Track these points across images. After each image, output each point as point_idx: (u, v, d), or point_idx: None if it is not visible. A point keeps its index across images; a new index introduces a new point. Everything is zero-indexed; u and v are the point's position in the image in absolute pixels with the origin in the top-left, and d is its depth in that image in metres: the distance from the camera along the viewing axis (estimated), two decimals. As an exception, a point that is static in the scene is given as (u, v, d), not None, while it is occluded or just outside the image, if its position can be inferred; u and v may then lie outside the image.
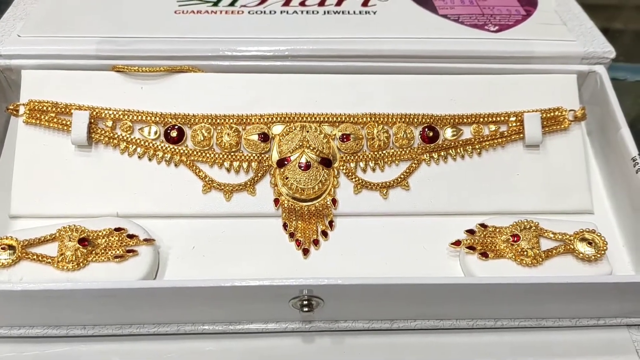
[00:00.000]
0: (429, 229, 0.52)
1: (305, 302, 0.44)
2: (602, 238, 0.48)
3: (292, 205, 0.52)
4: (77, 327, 0.47)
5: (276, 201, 0.52)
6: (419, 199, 0.53)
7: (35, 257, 0.46)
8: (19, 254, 0.46)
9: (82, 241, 0.46)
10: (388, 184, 0.53)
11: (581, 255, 0.47)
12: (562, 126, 0.54)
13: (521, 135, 0.54)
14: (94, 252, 0.47)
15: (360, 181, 0.52)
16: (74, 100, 0.52)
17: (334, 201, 0.52)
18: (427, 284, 0.43)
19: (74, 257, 0.46)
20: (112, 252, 0.47)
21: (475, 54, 0.56)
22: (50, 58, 0.54)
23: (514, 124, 0.54)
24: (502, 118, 0.54)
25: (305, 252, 0.50)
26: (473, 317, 0.48)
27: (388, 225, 0.52)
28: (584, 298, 0.47)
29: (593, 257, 0.47)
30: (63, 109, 0.52)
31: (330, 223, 0.52)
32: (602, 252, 0.47)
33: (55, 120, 0.52)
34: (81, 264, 0.46)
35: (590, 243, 0.48)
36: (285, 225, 0.51)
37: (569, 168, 0.54)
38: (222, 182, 0.52)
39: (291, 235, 0.51)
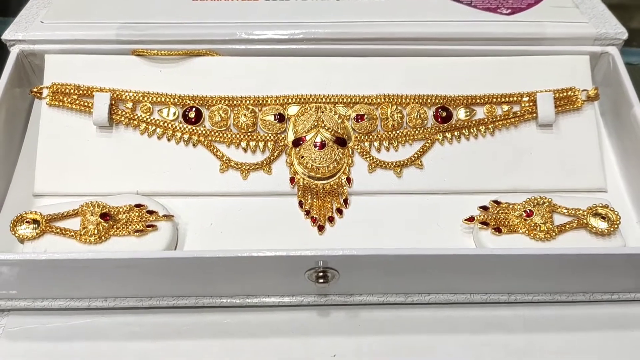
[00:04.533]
0: (443, 207, 0.53)
1: (320, 274, 0.45)
2: (616, 212, 0.48)
3: (307, 183, 0.52)
4: (99, 299, 0.48)
5: (292, 179, 0.53)
6: (433, 178, 0.53)
7: (58, 230, 0.47)
8: (43, 227, 0.47)
9: (104, 216, 0.48)
10: (402, 162, 0.53)
11: (594, 229, 0.48)
12: (575, 106, 0.55)
13: (534, 115, 0.54)
14: (115, 226, 0.48)
15: (375, 160, 0.53)
16: (95, 83, 0.54)
17: (349, 180, 0.53)
18: (440, 254, 0.44)
19: (96, 230, 0.47)
20: (132, 227, 0.48)
21: (488, 36, 0.57)
22: (72, 43, 0.56)
23: (527, 104, 0.54)
24: (515, 98, 0.55)
25: (321, 228, 0.51)
26: (487, 292, 0.49)
27: (402, 204, 0.53)
28: (597, 272, 0.47)
29: (606, 231, 0.48)
30: (85, 91, 0.53)
31: (345, 201, 0.52)
32: (616, 226, 0.48)
33: (77, 102, 0.53)
34: (103, 238, 0.47)
35: (603, 218, 0.48)
36: (300, 203, 0.52)
37: (582, 147, 0.54)
38: (239, 162, 0.53)
39: (307, 212, 0.52)
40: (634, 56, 0.68)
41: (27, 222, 0.47)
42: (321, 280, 0.45)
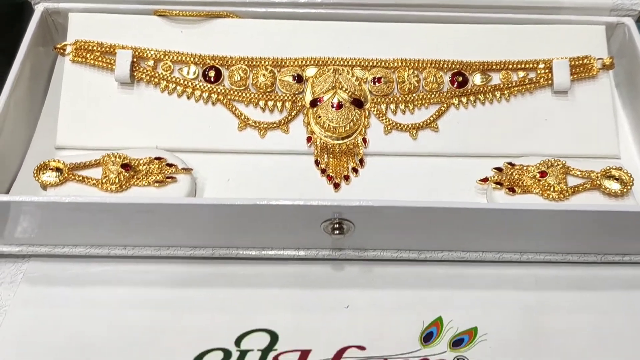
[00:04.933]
0: (457, 170, 0.53)
1: (336, 225, 0.46)
2: (629, 174, 0.49)
3: (324, 142, 0.53)
4: (118, 247, 0.49)
5: (309, 139, 0.53)
6: (448, 141, 0.54)
7: (80, 178, 0.48)
8: (66, 174, 0.48)
9: (125, 166, 0.49)
10: (418, 125, 0.54)
11: (607, 190, 0.48)
12: (591, 74, 0.55)
13: (550, 81, 0.55)
14: (135, 177, 0.49)
15: (391, 122, 0.54)
16: (117, 41, 0.55)
17: (365, 140, 0.54)
18: (453, 207, 0.45)
19: (117, 179, 0.48)
20: (152, 178, 0.49)
21: (505, 4, 0.57)
22: (95, 2, 0.57)
23: (543, 71, 0.55)
24: (531, 65, 0.55)
25: (336, 186, 0.52)
26: (499, 250, 0.49)
27: (417, 165, 0.53)
28: (609, 233, 0.47)
29: (619, 192, 0.48)
30: (108, 49, 0.54)
31: (361, 161, 0.53)
32: (629, 187, 0.48)
33: (100, 59, 0.54)
34: (123, 187, 0.48)
35: (616, 179, 0.49)
36: (317, 162, 0.53)
37: (597, 114, 0.55)
38: (257, 120, 0.54)
39: (323, 171, 0.53)
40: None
41: (50, 169, 0.48)
42: (337, 232, 0.46)
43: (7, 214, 0.46)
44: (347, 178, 0.52)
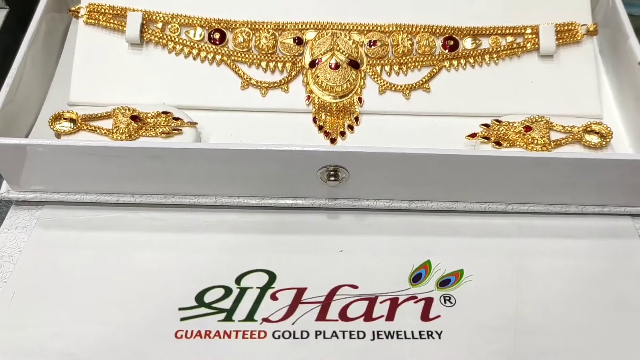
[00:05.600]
0: (447, 128, 0.56)
1: (331, 172, 0.49)
2: (608, 128, 0.52)
3: (322, 101, 0.56)
4: (127, 195, 0.52)
5: (307, 97, 0.57)
6: (439, 101, 0.57)
7: (92, 128, 0.51)
8: (79, 124, 0.51)
9: (134, 118, 0.52)
10: (411, 86, 0.57)
11: (588, 143, 0.51)
12: (575, 39, 0.58)
13: (536, 46, 0.58)
14: (143, 128, 0.52)
15: (385, 83, 0.57)
16: (128, 4, 0.58)
17: (360, 99, 0.57)
18: (442, 154, 0.48)
19: (126, 129, 0.51)
20: (159, 129, 0.52)
21: (496, -27, 0.60)
22: (108, -31, 0.60)
23: (530, 36, 0.58)
24: (519, 30, 0.58)
25: (333, 141, 0.55)
26: (485, 201, 0.52)
27: (409, 123, 0.56)
28: (589, 184, 0.50)
29: (599, 144, 0.51)
30: (119, 12, 0.57)
31: (356, 119, 0.56)
32: (608, 139, 0.51)
33: (111, 21, 0.57)
34: (132, 136, 0.51)
35: (597, 133, 0.52)
36: (314, 119, 0.56)
37: (581, 77, 0.58)
38: (259, 80, 0.57)
39: (320, 127, 0.56)
40: (635, 7, 0.71)
41: (64, 119, 0.51)
42: (332, 179, 0.49)
43: (23, 160, 0.49)
44: (343, 134, 0.55)
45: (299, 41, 0.57)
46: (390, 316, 0.46)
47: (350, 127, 0.56)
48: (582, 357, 0.44)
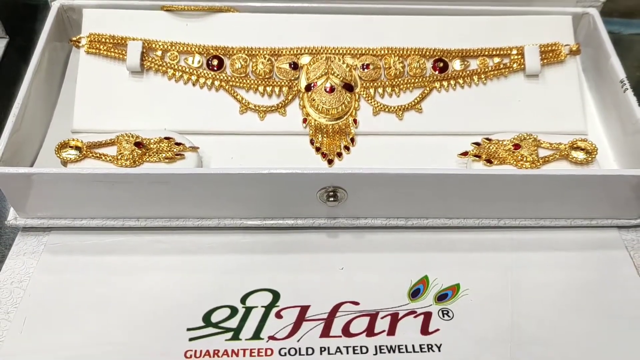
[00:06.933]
0: (439, 147, 0.58)
1: (331, 193, 0.51)
2: (593, 145, 0.54)
3: (318, 123, 0.58)
4: (131, 219, 0.54)
5: (304, 120, 0.59)
6: (431, 121, 0.59)
7: (98, 155, 0.53)
8: (84, 152, 0.53)
9: (138, 144, 0.54)
10: (403, 107, 0.59)
11: (574, 159, 0.54)
12: (559, 59, 0.61)
13: (522, 66, 0.60)
14: (147, 153, 0.54)
15: (379, 104, 0.59)
16: (128, 34, 0.60)
17: (355, 121, 0.59)
18: (437, 174, 0.50)
19: (130, 156, 0.53)
20: (162, 155, 0.54)
21: (481, -3, 0.63)
22: (107, -1, 0.62)
23: (516, 57, 0.60)
24: (505, 52, 0.61)
25: (330, 162, 0.57)
26: (479, 217, 0.55)
27: (403, 143, 0.58)
28: (577, 198, 0.53)
29: (585, 160, 0.54)
30: (119, 41, 0.59)
31: (352, 139, 0.58)
32: (593, 156, 0.54)
33: (112, 50, 0.59)
34: (137, 162, 0.53)
35: (582, 150, 0.54)
36: (312, 141, 0.58)
37: (565, 95, 0.60)
38: (257, 104, 0.59)
39: (317, 149, 0.58)
40: (615, 25, 0.74)
41: (70, 147, 0.53)
42: (332, 199, 0.51)
43: (30, 187, 0.50)
44: (339, 155, 0.57)
45: (295, 66, 0.59)
46: (391, 331, 0.48)
47: (347, 148, 0.58)
48: (576, 365, 0.47)
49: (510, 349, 0.47)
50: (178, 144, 0.55)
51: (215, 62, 0.59)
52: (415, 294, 0.50)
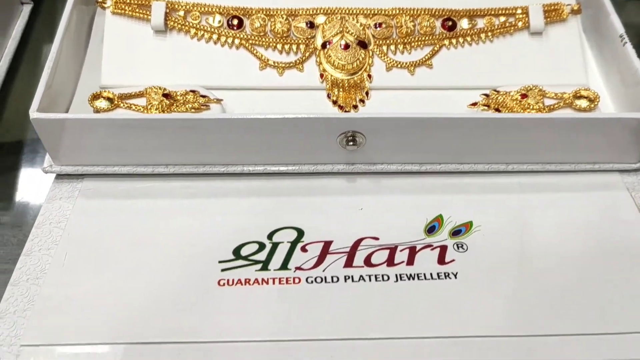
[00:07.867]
0: (449, 100, 0.61)
1: (350, 138, 0.54)
2: (595, 93, 0.58)
3: (334, 79, 0.62)
4: (161, 166, 0.57)
5: (321, 75, 0.62)
6: (441, 76, 0.62)
7: (128, 105, 0.56)
8: (116, 102, 0.56)
9: (166, 95, 0.57)
10: (415, 63, 0.63)
11: (578, 107, 0.57)
12: (561, 18, 0.64)
13: (526, 24, 0.64)
14: (175, 104, 0.57)
15: (391, 61, 0.62)
16: (151, -4, 0.63)
17: (370, 76, 0.62)
18: (450, 117, 0.53)
19: (159, 106, 0.56)
20: (189, 106, 0.57)
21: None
22: (131, -36, 0.65)
23: (520, 16, 0.64)
24: (510, 11, 0.64)
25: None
26: (488, 162, 0.58)
27: (414, 97, 0.62)
28: (580, 142, 0.56)
29: (588, 107, 0.57)
30: (143, 1, 0.62)
31: (367, 93, 0.61)
32: (596, 103, 0.57)
33: (137, 10, 0.62)
34: (165, 112, 0.56)
35: (585, 98, 0.58)
36: (328, 95, 0.61)
37: (567, 51, 0.63)
38: (276, 61, 0.62)
39: (334, 102, 0.61)
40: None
41: (102, 97, 0.56)
42: (351, 143, 0.54)
43: (66, 135, 0.53)
44: (355, 107, 0.61)
45: (311, 25, 0.63)
46: (410, 261, 0.51)
47: (362, 101, 0.61)
48: (578, 293, 0.50)
49: (520, 276, 0.50)
50: (203, 96, 0.58)
51: (235, 21, 0.62)
52: (431, 230, 0.54)
